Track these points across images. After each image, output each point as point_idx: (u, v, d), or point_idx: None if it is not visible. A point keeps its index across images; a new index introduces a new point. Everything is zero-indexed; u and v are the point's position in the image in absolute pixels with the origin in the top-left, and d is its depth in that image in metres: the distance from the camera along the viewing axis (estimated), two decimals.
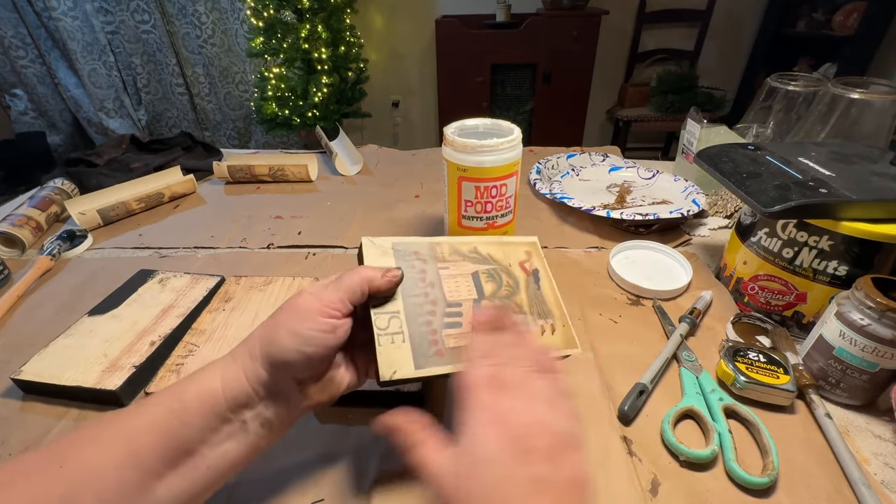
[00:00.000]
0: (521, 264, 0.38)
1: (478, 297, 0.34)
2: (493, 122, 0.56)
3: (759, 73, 2.26)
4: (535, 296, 0.37)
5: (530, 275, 0.38)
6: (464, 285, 0.34)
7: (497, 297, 0.35)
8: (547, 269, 0.39)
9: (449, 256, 0.35)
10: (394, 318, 0.31)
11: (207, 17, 2.09)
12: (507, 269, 0.37)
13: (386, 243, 0.34)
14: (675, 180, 0.75)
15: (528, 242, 0.40)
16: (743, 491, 0.33)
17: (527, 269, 0.38)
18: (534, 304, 0.36)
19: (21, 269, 0.61)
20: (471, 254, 0.36)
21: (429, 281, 0.33)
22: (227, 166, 0.84)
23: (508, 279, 0.37)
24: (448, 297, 0.33)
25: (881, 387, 0.38)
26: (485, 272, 0.36)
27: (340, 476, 0.35)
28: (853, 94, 0.59)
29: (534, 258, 0.39)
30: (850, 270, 0.42)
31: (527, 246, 0.40)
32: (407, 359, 0.30)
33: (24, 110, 2.18)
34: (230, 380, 0.27)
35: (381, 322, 0.30)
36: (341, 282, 0.29)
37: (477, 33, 2.12)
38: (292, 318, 0.27)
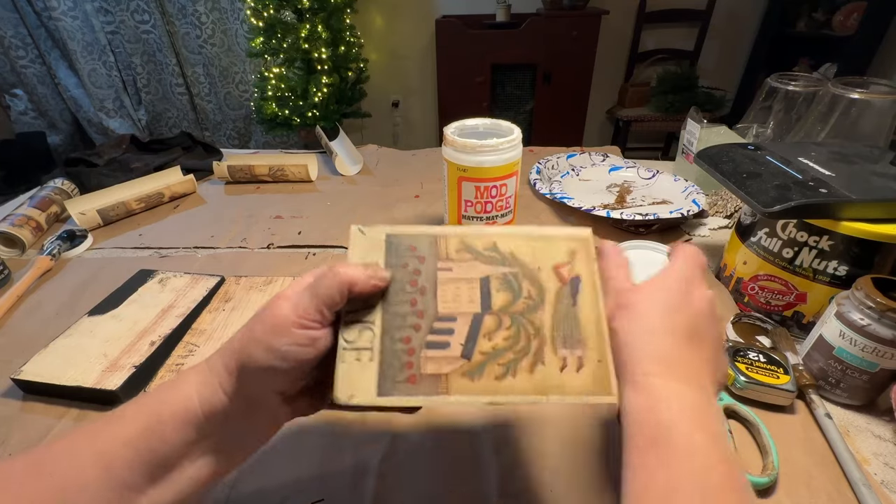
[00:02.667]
0: (556, 268, 0.28)
1: (480, 311, 0.27)
2: (493, 122, 0.56)
3: (759, 73, 2.25)
4: (566, 314, 0.27)
5: (567, 284, 0.28)
6: (465, 293, 0.27)
7: (509, 311, 0.27)
8: (595, 279, 0.28)
9: (455, 254, 0.28)
10: (365, 330, 0.26)
11: (207, 17, 2.09)
12: (534, 274, 0.28)
13: (378, 234, 0.28)
14: (675, 180, 0.75)
15: (577, 238, 0.29)
16: None
17: (564, 275, 0.28)
18: (560, 326, 0.27)
19: (21, 269, 0.61)
20: (486, 251, 0.28)
21: (420, 285, 0.27)
22: (227, 166, 0.84)
23: (532, 289, 0.28)
24: (440, 309, 0.27)
25: (881, 387, 0.38)
26: (499, 277, 0.28)
27: (340, 477, 0.35)
28: (853, 94, 0.59)
29: (579, 261, 0.29)
30: (850, 270, 0.42)
31: (573, 242, 0.29)
32: (370, 382, 0.25)
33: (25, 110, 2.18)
34: (207, 394, 0.25)
35: (350, 334, 0.26)
36: (318, 287, 0.25)
37: (477, 33, 2.12)
38: (267, 332, 0.25)
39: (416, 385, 0.25)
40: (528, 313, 0.27)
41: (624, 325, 0.26)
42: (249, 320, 0.27)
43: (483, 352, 0.26)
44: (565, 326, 0.27)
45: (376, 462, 0.36)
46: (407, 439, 0.38)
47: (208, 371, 0.26)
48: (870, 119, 0.59)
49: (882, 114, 0.59)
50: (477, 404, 0.25)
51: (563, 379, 0.26)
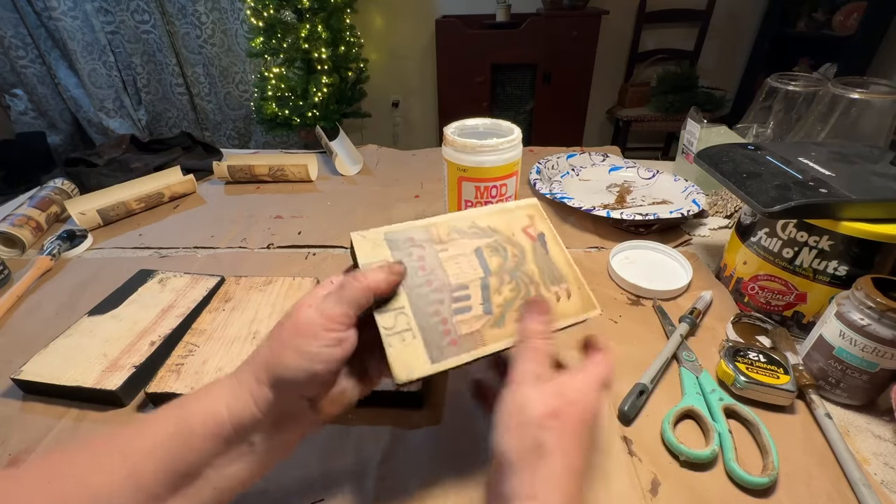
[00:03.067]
0: (524, 230, 0.35)
1: (484, 275, 0.32)
2: (493, 122, 0.56)
3: (759, 73, 2.25)
4: (544, 261, 0.34)
5: (536, 240, 0.35)
6: (467, 265, 0.32)
7: (505, 270, 0.33)
8: (553, 231, 0.36)
9: (447, 237, 0.33)
10: (400, 315, 0.29)
11: (207, 17, 2.09)
12: (511, 238, 0.34)
13: (377, 235, 0.31)
14: (675, 180, 0.75)
15: (529, 205, 0.37)
16: (743, 491, 0.33)
17: (531, 234, 0.35)
18: (544, 271, 0.34)
19: (21, 269, 0.61)
20: (470, 229, 0.34)
21: (430, 268, 0.31)
22: (227, 166, 0.84)
23: (513, 249, 0.34)
24: (453, 281, 0.31)
25: (881, 387, 0.38)
26: (487, 246, 0.33)
27: (340, 476, 0.35)
28: (853, 94, 0.59)
29: (537, 221, 0.36)
30: (850, 270, 0.42)
31: (528, 209, 0.37)
32: (421, 355, 0.28)
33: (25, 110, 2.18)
34: (236, 406, 0.26)
35: (387, 321, 0.28)
36: (343, 293, 0.27)
37: (477, 33, 2.12)
38: (296, 336, 0.26)
39: (458, 346, 0.29)
40: (519, 267, 0.33)
41: (554, 446, 0.25)
42: (271, 332, 0.28)
43: (498, 305, 0.31)
44: (547, 270, 0.34)
45: (376, 462, 0.36)
46: (407, 439, 0.38)
47: (238, 384, 0.27)
48: (870, 119, 0.59)
49: (882, 114, 0.59)
50: (512, 344, 0.30)
51: (562, 308, 0.33)
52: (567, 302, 0.33)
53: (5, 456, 0.37)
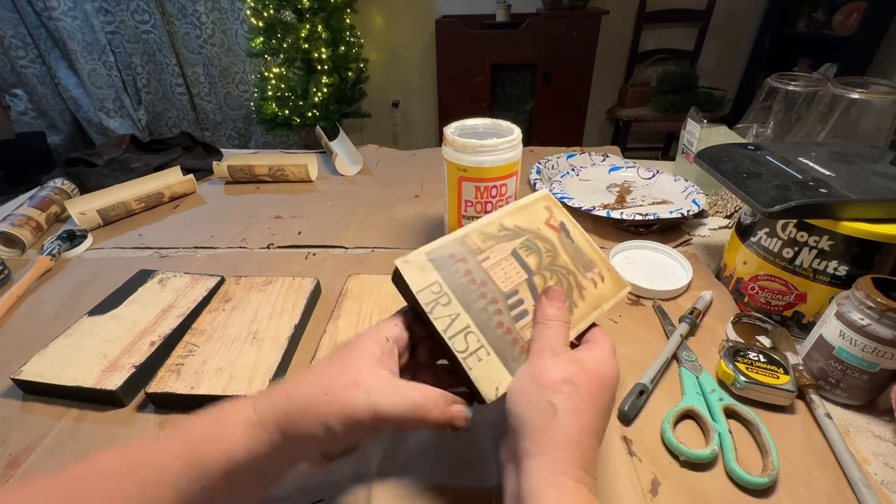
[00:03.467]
0: (547, 223, 0.36)
1: (528, 275, 0.33)
2: (493, 122, 0.56)
3: (759, 73, 2.25)
4: (573, 250, 0.36)
5: (560, 230, 0.36)
6: (510, 269, 0.32)
7: (543, 266, 0.33)
8: (571, 219, 0.37)
9: (484, 245, 0.33)
10: (469, 335, 0.29)
11: (207, 17, 2.09)
12: (539, 233, 0.35)
13: (420, 258, 0.31)
14: (675, 180, 0.75)
15: (543, 197, 0.38)
16: (743, 491, 0.33)
17: (554, 225, 0.36)
18: (577, 259, 0.35)
19: (21, 269, 0.61)
20: (501, 233, 0.34)
21: (479, 280, 0.31)
22: (227, 166, 0.84)
23: (544, 244, 0.35)
24: (504, 289, 0.31)
25: (881, 387, 0.38)
26: (522, 246, 0.34)
27: (340, 476, 0.35)
28: (853, 94, 0.59)
29: (555, 212, 0.37)
30: (850, 270, 0.42)
31: (544, 202, 0.37)
32: (500, 369, 0.29)
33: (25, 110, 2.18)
34: (255, 446, 0.25)
35: (460, 344, 0.28)
36: (401, 401, 0.26)
37: (477, 33, 2.12)
38: (327, 408, 0.25)
39: (527, 351, 0.30)
40: (555, 261, 0.34)
41: (567, 407, 0.25)
42: (310, 379, 0.27)
43: None
44: (578, 258, 0.35)
45: (376, 462, 0.36)
46: (407, 439, 0.38)
47: (258, 424, 0.26)
48: (870, 119, 0.59)
49: (882, 114, 0.59)
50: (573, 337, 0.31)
51: (600, 292, 0.35)
52: (603, 285, 0.35)
53: (5, 456, 0.37)
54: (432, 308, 0.29)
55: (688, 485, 0.34)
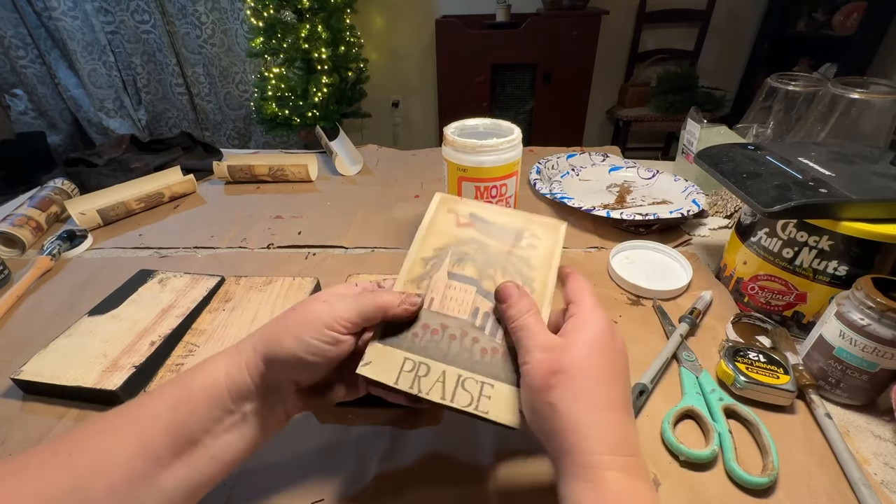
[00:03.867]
0: (459, 224, 0.35)
1: (476, 288, 0.32)
2: (493, 122, 0.56)
3: (759, 73, 2.25)
4: (496, 231, 0.35)
5: (473, 223, 0.36)
6: (457, 294, 0.32)
7: (482, 268, 0.33)
8: (475, 203, 0.37)
9: (420, 290, 0.32)
10: (465, 382, 0.29)
11: (207, 17, 2.09)
12: (457, 240, 0.34)
13: (376, 349, 0.30)
14: (675, 180, 0.75)
15: (440, 203, 0.37)
16: (743, 491, 0.33)
17: (466, 222, 0.35)
18: (504, 238, 0.35)
19: (21, 269, 0.61)
20: (426, 268, 0.33)
21: (440, 325, 0.31)
22: (227, 166, 0.84)
23: (469, 247, 0.34)
24: (465, 316, 0.31)
25: (881, 387, 0.38)
26: (452, 264, 0.33)
27: (340, 476, 0.35)
28: (853, 94, 0.59)
29: (458, 208, 0.36)
30: (850, 270, 0.42)
31: (444, 207, 0.37)
32: (509, 391, 0.28)
33: (25, 110, 2.18)
34: (233, 372, 0.28)
35: (463, 399, 0.28)
36: (358, 301, 0.29)
37: (477, 33, 2.12)
38: (299, 323, 0.28)
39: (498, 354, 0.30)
40: (488, 255, 0.34)
41: (566, 397, 0.24)
42: (282, 314, 0.29)
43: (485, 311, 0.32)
44: (505, 236, 0.35)
45: (376, 462, 0.36)
46: (407, 439, 0.38)
47: (237, 353, 0.28)
48: (870, 119, 0.59)
49: (882, 114, 0.59)
50: None
51: (543, 250, 0.35)
52: (542, 241, 0.34)
53: (5, 456, 0.37)
54: (418, 385, 0.28)
55: (688, 485, 0.34)
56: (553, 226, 0.36)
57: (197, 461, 0.26)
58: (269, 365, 0.28)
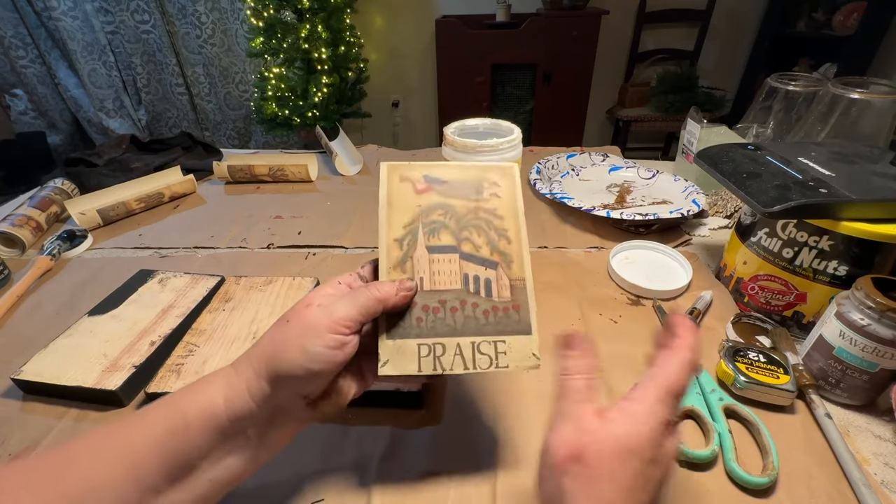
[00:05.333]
0: (417, 191, 0.34)
1: (458, 254, 0.32)
2: (493, 122, 0.56)
3: (759, 73, 2.25)
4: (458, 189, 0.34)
5: (431, 186, 0.34)
6: (442, 266, 0.31)
7: (456, 232, 0.32)
8: (426, 164, 0.35)
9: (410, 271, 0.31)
10: (481, 346, 0.30)
11: (207, 17, 2.09)
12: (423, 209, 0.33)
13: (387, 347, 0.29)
14: (675, 180, 0.75)
15: (389, 172, 0.35)
16: (743, 491, 0.33)
17: (422, 187, 0.34)
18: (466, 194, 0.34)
19: (21, 269, 0.61)
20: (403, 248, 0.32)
21: (439, 303, 0.30)
22: (227, 166, 0.84)
23: (436, 213, 0.33)
24: (457, 286, 0.31)
25: (881, 387, 0.38)
26: (426, 236, 0.32)
27: (340, 476, 0.35)
28: (853, 94, 0.59)
29: (411, 174, 0.34)
30: (850, 270, 0.42)
31: (395, 175, 0.34)
32: (521, 340, 0.30)
33: (24, 110, 2.18)
34: (233, 396, 0.26)
35: (483, 363, 0.29)
36: (355, 299, 0.27)
37: (477, 33, 2.12)
38: (300, 334, 0.26)
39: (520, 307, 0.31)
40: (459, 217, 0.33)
41: (577, 492, 0.21)
42: (274, 326, 0.28)
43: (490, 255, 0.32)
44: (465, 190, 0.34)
45: (376, 462, 0.36)
46: (407, 439, 0.38)
47: (235, 375, 0.27)
48: (870, 119, 0.59)
49: (882, 114, 0.59)
50: None
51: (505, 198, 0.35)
52: (501, 188, 0.34)
53: (5, 456, 0.37)
54: (440, 365, 0.29)
55: (688, 485, 0.34)
56: (506, 170, 0.35)
57: (194, 486, 0.25)
58: (276, 385, 0.26)
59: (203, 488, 0.25)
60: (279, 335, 0.27)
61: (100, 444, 0.25)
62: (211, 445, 0.25)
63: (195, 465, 0.25)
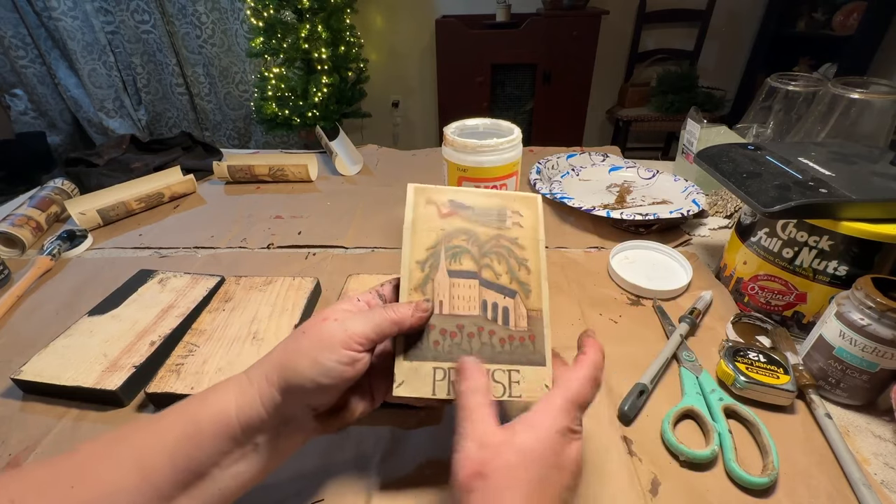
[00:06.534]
0: (441, 215, 0.34)
1: (478, 281, 0.32)
2: (493, 122, 0.56)
3: (759, 73, 2.25)
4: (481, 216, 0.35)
5: (454, 212, 0.35)
6: (462, 291, 0.32)
7: (477, 259, 0.33)
8: (452, 189, 0.36)
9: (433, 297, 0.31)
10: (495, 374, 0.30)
11: (207, 17, 2.09)
12: (446, 233, 0.34)
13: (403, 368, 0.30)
14: (675, 180, 0.75)
15: (415, 194, 0.35)
16: (743, 491, 0.33)
17: (447, 212, 0.35)
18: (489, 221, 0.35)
19: (21, 269, 0.61)
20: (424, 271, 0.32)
21: (456, 327, 0.31)
22: (227, 166, 0.84)
23: (458, 238, 0.33)
24: (475, 312, 0.31)
25: (881, 387, 0.38)
26: (448, 260, 0.33)
27: (340, 476, 0.35)
28: (853, 94, 0.59)
29: (437, 197, 0.35)
30: (850, 270, 0.42)
31: (421, 198, 0.35)
32: (534, 371, 0.30)
33: (25, 110, 2.18)
34: (245, 404, 0.26)
35: (497, 391, 0.29)
36: (373, 318, 0.28)
37: (477, 33, 2.12)
38: (313, 346, 0.26)
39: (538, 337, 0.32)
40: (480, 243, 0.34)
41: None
42: (290, 336, 0.28)
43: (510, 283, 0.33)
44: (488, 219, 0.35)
45: (376, 462, 0.36)
46: (407, 439, 0.38)
47: (248, 383, 0.27)
48: (870, 119, 0.59)
49: (882, 114, 0.59)
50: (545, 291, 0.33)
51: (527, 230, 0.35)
52: (524, 217, 0.35)
53: (5, 456, 0.37)
54: (454, 391, 0.29)
55: (688, 485, 0.34)
56: (529, 200, 0.36)
57: (203, 493, 0.25)
58: (286, 394, 0.26)
59: (211, 495, 0.25)
60: (293, 345, 0.27)
61: (112, 450, 0.25)
62: (222, 452, 0.26)
63: (206, 472, 0.25)
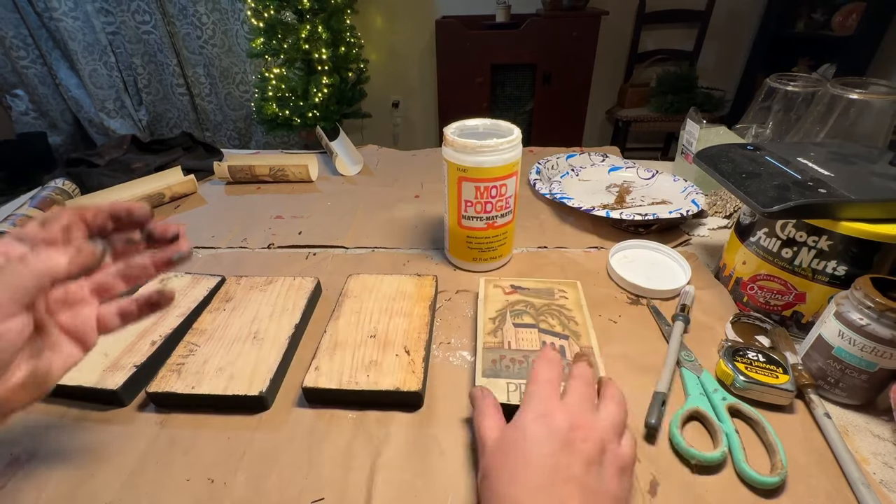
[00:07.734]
0: (506, 294, 0.49)
1: (537, 326, 0.45)
2: (493, 122, 0.57)
3: (759, 74, 2.26)
4: (533, 295, 0.49)
5: (515, 290, 0.50)
6: (525, 335, 0.44)
7: (535, 316, 0.46)
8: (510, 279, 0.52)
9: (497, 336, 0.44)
10: None
11: (208, 18, 2.10)
12: (510, 302, 0.48)
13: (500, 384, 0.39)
14: (674, 180, 0.75)
15: (486, 284, 0.51)
16: (750, 490, 0.33)
17: (510, 290, 0.49)
18: (539, 295, 0.49)
19: None
20: (495, 323, 0.45)
21: (524, 355, 0.42)
22: (227, 166, 0.84)
23: (520, 305, 0.47)
24: (536, 348, 0.42)
25: (880, 386, 0.38)
26: (513, 317, 0.46)
27: (340, 476, 0.35)
28: (852, 95, 0.59)
29: (501, 283, 0.51)
30: (849, 270, 0.42)
31: (491, 288, 0.50)
32: None
33: (25, 111, 2.18)
34: None
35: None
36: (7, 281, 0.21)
37: (477, 33, 2.12)
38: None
39: None
40: (537, 309, 0.47)
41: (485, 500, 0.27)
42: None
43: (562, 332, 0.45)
44: (540, 295, 0.50)
45: (376, 462, 0.36)
46: (407, 439, 0.38)
47: None
48: (869, 119, 0.59)
49: (881, 114, 0.59)
50: None
51: (572, 306, 0.49)
52: (568, 296, 0.49)
53: (6, 456, 0.37)
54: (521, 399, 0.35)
55: (686, 485, 0.34)
56: (571, 283, 0.51)
57: None
58: None
59: None
60: None
61: None
62: None
63: None
